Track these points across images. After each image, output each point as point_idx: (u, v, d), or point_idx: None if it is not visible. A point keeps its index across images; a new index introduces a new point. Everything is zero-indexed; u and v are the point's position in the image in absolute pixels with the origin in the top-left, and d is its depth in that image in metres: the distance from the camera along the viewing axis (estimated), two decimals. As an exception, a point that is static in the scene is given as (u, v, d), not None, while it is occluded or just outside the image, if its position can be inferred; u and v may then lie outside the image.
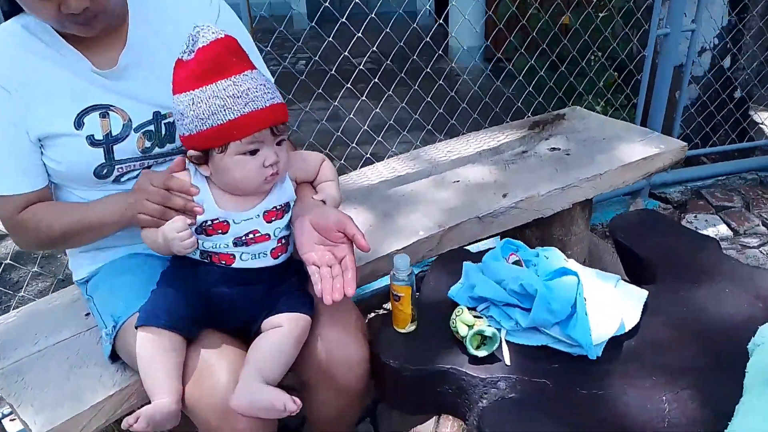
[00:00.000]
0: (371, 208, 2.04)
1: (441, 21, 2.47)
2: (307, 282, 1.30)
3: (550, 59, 3.22)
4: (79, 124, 1.27)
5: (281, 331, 1.23)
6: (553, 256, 1.41)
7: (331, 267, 1.21)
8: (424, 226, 1.91)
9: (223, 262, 1.25)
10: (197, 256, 1.27)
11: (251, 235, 1.25)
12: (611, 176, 2.15)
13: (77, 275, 1.53)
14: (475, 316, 1.32)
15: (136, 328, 1.20)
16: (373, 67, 2.51)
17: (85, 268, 1.49)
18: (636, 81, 3.06)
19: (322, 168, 1.40)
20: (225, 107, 1.13)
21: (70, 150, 1.28)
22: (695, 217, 3.03)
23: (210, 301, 1.26)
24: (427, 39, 2.48)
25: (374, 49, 2.32)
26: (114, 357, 1.36)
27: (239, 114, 1.13)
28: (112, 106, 1.29)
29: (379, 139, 2.83)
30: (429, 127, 2.73)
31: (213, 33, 1.15)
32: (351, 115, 2.59)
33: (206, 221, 1.23)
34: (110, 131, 1.30)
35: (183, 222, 1.18)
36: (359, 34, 2.41)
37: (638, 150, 2.24)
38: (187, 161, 1.25)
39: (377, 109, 2.58)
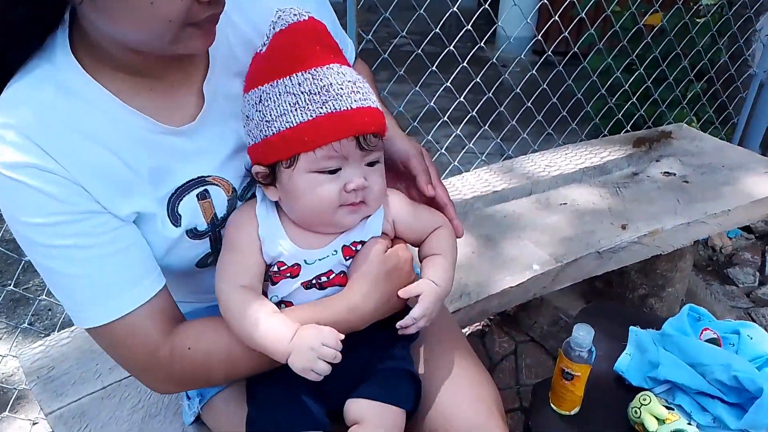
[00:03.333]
0: (471, 229, 1.77)
1: (486, 5, 2.16)
2: (410, 356, 1.02)
3: (627, 60, 2.92)
4: (174, 217, 0.90)
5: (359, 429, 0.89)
6: (758, 336, 1.14)
7: None
8: (538, 259, 1.65)
9: None
10: None
11: (324, 278, 0.92)
12: (740, 213, 1.89)
13: None
14: (665, 406, 1.05)
15: None
16: (409, 50, 2.16)
17: None
18: (729, 95, 2.78)
19: (436, 234, 1.00)
20: (297, 106, 0.82)
21: (166, 250, 0.91)
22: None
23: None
24: (468, 27, 2.14)
25: (403, 34, 1.98)
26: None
27: (314, 115, 0.82)
28: (207, 177, 0.92)
29: (429, 139, 2.52)
30: (473, 113, 2.36)
31: (294, 15, 0.84)
32: (400, 108, 2.25)
33: (275, 264, 0.91)
34: (215, 213, 0.93)
35: (336, 336, 0.85)
36: (386, 14, 2.04)
37: (766, 183, 1.98)
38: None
39: (417, 88, 2.20)
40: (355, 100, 0.83)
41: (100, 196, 0.82)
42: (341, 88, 0.82)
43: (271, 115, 0.83)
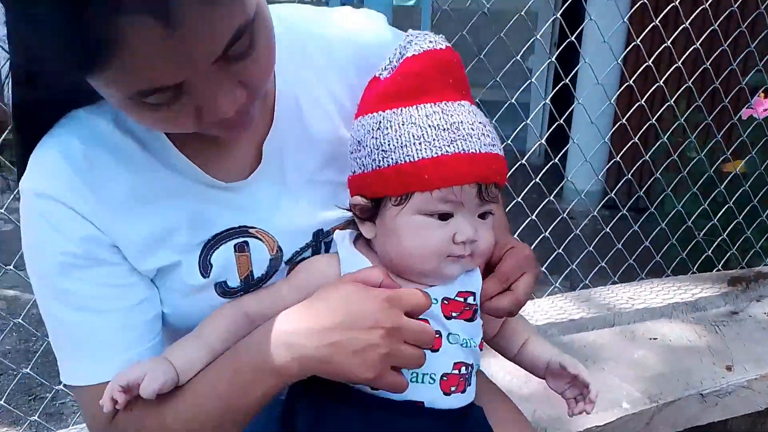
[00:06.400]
0: (544, 357, 1.52)
1: (556, 160, 2.07)
2: None
3: (702, 206, 2.72)
4: (205, 265, 0.77)
5: None
6: None
7: None
8: (628, 396, 1.38)
9: (361, 388, 0.74)
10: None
11: None
12: None
13: None
14: None
15: None
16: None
17: None
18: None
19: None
20: (422, 139, 0.72)
21: (189, 303, 0.79)
22: None
23: None
24: (536, 179, 2.00)
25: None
26: None
27: (439, 153, 0.71)
28: (251, 229, 0.79)
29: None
30: (543, 269, 2.14)
31: (429, 42, 0.73)
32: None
33: None
34: (251, 271, 0.79)
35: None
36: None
37: None
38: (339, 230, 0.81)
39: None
40: (484, 144, 0.72)
41: (128, 251, 0.73)
42: (472, 129, 0.72)
43: (390, 144, 0.72)
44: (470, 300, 0.76)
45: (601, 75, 1.92)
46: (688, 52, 2.11)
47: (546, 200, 2.01)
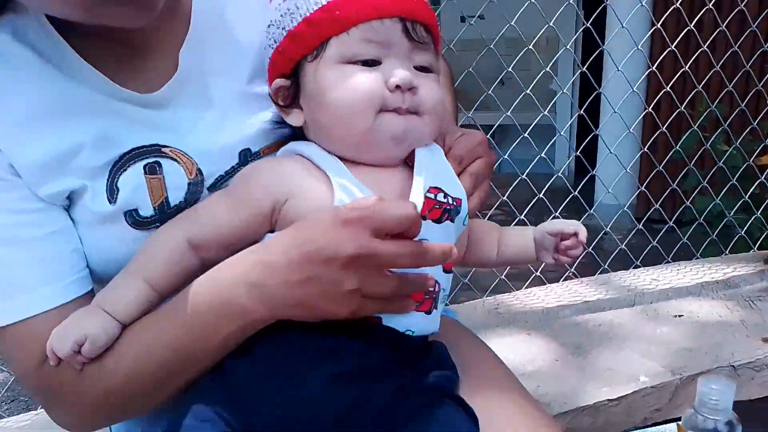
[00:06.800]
0: (554, 336, 1.38)
1: (594, 172, 1.96)
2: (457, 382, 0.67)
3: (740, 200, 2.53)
4: (112, 190, 0.67)
5: None
6: None
7: None
8: (647, 370, 1.22)
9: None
10: None
11: None
12: None
13: None
14: None
15: None
16: (504, 220, 1.88)
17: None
18: None
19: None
20: None
21: (98, 236, 0.68)
22: None
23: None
24: (575, 192, 1.86)
25: (504, 198, 1.71)
26: None
27: None
28: (164, 148, 0.68)
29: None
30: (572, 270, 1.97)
31: None
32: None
33: None
34: (166, 198, 0.68)
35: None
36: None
37: None
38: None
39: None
40: None
41: (28, 174, 0.64)
42: None
43: (296, 3, 0.63)
44: (440, 197, 0.63)
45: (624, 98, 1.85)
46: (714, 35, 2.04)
47: (585, 215, 1.91)
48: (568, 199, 1.85)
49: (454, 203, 0.65)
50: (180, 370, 0.62)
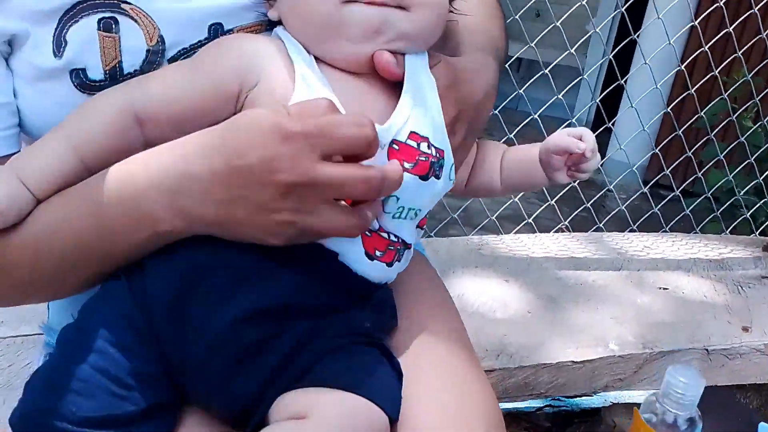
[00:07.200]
0: (531, 287, 1.34)
1: (610, 124, 1.85)
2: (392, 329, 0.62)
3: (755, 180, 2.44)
4: (59, 42, 0.58)
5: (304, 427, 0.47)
6: None
7: None
8: (618, 338, 1.18)
9: None
10: None
11: None
12: None
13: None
14: None
15: None
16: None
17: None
18: None
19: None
20: None
21: (38, 94, 0.60)
22: None
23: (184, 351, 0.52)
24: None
25: (511, 135, 1.61)
26: None
27: None
28: (124, 4, 0.59)
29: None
30: (565, 222, 1.89)
31: None
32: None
33: None
34: (119, 62, 0.60)
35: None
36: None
37: None
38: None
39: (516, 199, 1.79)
40: None
41: None
42: None
43: None
44: (424, 147, 0.54)
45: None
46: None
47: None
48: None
49: (437, 155, 0.55)
50: (84, 266, 0.54)
